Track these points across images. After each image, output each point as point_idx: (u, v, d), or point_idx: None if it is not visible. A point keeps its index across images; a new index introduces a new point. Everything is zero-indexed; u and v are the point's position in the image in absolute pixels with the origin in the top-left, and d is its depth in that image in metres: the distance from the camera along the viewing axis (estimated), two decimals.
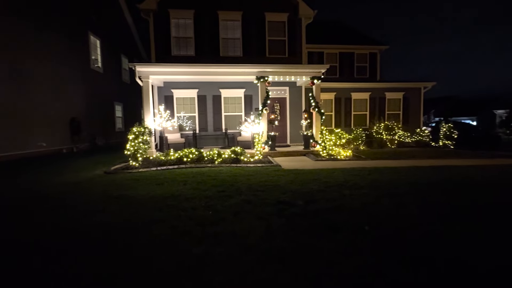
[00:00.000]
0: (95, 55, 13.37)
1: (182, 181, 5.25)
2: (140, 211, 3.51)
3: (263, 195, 4.19)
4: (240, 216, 3.26)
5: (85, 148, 11.82)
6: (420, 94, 12.75)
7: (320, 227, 2.92)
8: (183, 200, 3.97)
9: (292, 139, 11.22)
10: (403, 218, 3.18)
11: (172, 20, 10.47)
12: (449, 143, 11.50)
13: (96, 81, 13.27)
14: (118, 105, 15.51)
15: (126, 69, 16.60)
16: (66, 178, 5.78)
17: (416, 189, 4.45)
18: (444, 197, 4.04)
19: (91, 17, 12.91)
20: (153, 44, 10.40)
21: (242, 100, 10.87)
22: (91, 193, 4.53)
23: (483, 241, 2.56)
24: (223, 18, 10.73)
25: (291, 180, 5.26)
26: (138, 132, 7.14)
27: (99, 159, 8.52)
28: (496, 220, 3.11)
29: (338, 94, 12.28)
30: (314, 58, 14.58)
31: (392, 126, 11.54)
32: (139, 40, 18.71)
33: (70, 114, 11.17)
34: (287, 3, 10.97)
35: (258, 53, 10.94)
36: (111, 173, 6.32)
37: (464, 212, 3.37)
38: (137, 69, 8.44)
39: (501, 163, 7.28)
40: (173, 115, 10.23)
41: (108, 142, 13.66)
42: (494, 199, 3.89)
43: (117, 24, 15.89)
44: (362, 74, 14.90)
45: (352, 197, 4.00)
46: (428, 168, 6.50)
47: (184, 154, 7.37)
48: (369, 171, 6.05)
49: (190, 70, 8.97)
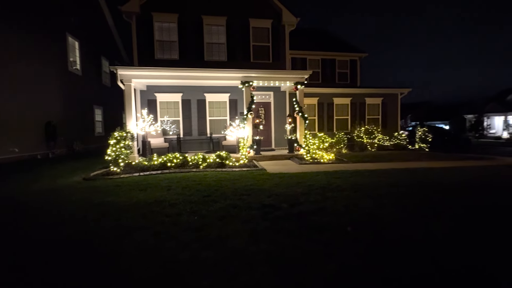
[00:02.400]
0: (73, 57, 12.88)
1: (166, 186, 5.16)
2: (122, 218, 3.42)
3: (248, 199, 4.22)
4: (225, 221, 3.27)
5: (62, 154, 11.28)
6: (397, 99, 13.39)
7: (305, 229, 3.00)
8: (167, 206, 3.91)
9: (277, 143, 11.36)
10: (382, 218, 3.34)
11: (155, 24, 10.35)
12: (424, 146, 12.13)
13: (75, 84, 12.77)
14: (98, 108, 14.98)
15: (107, 72, 16.10)
16: (41, 185, 5.50)
17: (394, 191, 4.67)
18: (418, 197, 4.27)
19: (69, 18, 12.46)
20: (135, 47, 10.20)
21: (227, 104, 10.89)
22: (69, 200, 4.35)
23: (453, 238, 2.75)
24: (208, 23, 10.76)
25: (276, 183, 5.33)
26: (119, 136, 6.95)
27: (77, 165, 8.17)
28: (462, 215, 3.35)
29: (321, 99, 12.63)
30: (297, 64, 14.92)
31: (372, 130, 12.01)
32: (121, 42, 18.25)
33: (46, 117, 10.64)
34: (271, 10, 11.20)
35: (243, 58, 11.04)
36: (90, 179, 6.09)
37: (436, 210, 3.59)
38: (119, 72, 8.23)
39: (470, 164, 7.79)
40: (156, 120, 10.05)
41: (87, 147, 13.12)
42: (464, 200, 4.18)
43: (98, 26, 15.43)
44: (344, 80, 15.44)
45: (335, 199, 4.13)
46: (405, 170, 6.83)
47: (168, 159, 7.25)
48: (350, 174, 6.26)
49: (174, 74, 8.88)
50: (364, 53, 15.64)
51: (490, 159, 8.92)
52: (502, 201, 4.10)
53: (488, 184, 5.22)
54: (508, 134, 22.51)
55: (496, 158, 9.32)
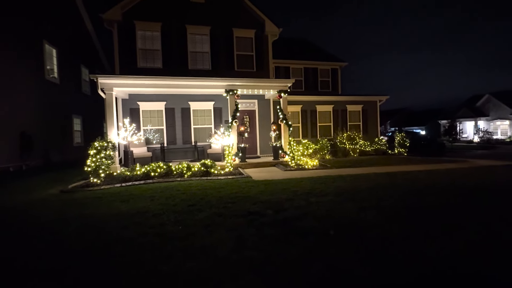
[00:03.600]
0: (50, 65, 12.43)
1: (149, 196, 5.05)
2: (102, 231, 3.31)
3: (233, 207, 4.22)
4: (210, 229, 3.25)
5: (37, 165, 10.71)
6: (376, 106, 13.97)
7: (289, 234, 3.04)
8: (150, 216, 3.83)
9: (262, 150, 11.44)
10: (363, 220, 3.45)
11: (138, 32, 10.27)
12: (403, 150, 12.67)
13: (52, 93, 12.28)
14: (77, 118, 14.44)
15: (87, 80, 15.64)
16: (12, 199, 5.19)
17: (374, 194, 4.84)
18: (397, 199, 4.46)
19: (47, 25, 12.08)
20: (117, 55, 10.04)
21: (211, 112, 10.89)
22: (44, 215, 4.14)
23: (426, 236, 2.90)
24: (191, 32, 10.82)
25: (261, 190, 5.37)
26: (100, 146, 6.74)
27: (54, 177, 7.80)
28: (437, 213, 3.53)
29: (304, 107, 12.93)
30: (281, 73, 15.27)
31: (354, 136, 12.41)
32: (102, 50, 17.85)
33: (20, 127, 10.12)
34: (254, 21, 11.47)
35: (227, 67, 11.15)
36: (68, 191, 5.84)
37: (411, 212, 3.76)
38: (100, 81, 8.06)
39: (444, 167, 8.23)
40: (139, 128, 9.84)
41: (65, 158, 12.57)
42: (438, 200, 4.41)
43: (77, 33, 15.04)
44: (326, 88, 15.95)
45: (318, 204, 4.22)
46: (385, 174, 7.10)
47: (151, 169, 7.10)
48: (334, 179, 6.43)
49: (157, 83, 8.81)
50: (344, 62, 16.29)
51: (463, 162, 9.46)
52: (473, 199, 4.36)
53: (460, 185, 5.54)
54: (479, 138, 23.98)
55: (467, 160, 9.90)
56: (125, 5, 10.03)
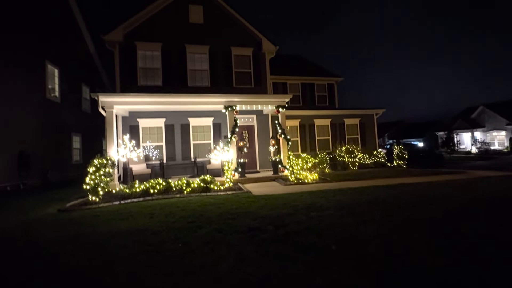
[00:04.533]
0: (52, 84, 12.67)
1: (148, 214, 5.00)
2: (100, 250, 3.26)
3: (234, 222, 4.18)
4: (211, 246, 3.21)
5: (35, 184, 10.62)
6: (373, 119, 14.15)
7: (290, 250, 3.01)
8: (149, 234, 3.78)
9: (261, 165, 11.44)
10: (364, 234, 3.42)
11: (139, 52, 10.58)
12: (402, 162, 12.71)
13: (52, 111, 12.42)
14: (76, 136, 14.50)
15: (87, 99, 15.86)
16: (7, 219, 5.11)
17: (375, 207, 4.82)
18: (398, 212, 4.43)
19: (50, 46, 12.44)
20: (118, 74, 10.28)
21: (210, 128, 10.99)
22: (41, 234, 4.08)
23: (431, 247, 2.87)
24: (191, 51, 11.15)
25: (262, 205, 5.33)
26: (99, 164, 6.74)
27: (52, 196, 7.72)
28: (439, 226, 3.51)
29: (302, 121, 13.09)
30: (278, 88, 15.58)
31: (353, 149, 12.47)
32: (102, 68, 18.24)
33: (19, 147, 10.13)
34: (251, 40, 11.87)
35: (226, 84, 11.40)
36: (66, 210, 5.77)
37: (413, 224, 3.74)
38: (100, 99, 8.19)
39: (444, 179, 8.23)
40: (138, 145, 9.88)
41: (64, 176, 12.49)
42: (439, 212, 4.39)
43: (79, 53, 15.45)
44: (323, 102, 16.23)
45: (319, 219, 4.19)
46: (385, 187, 7.08)
47: (150, 185, 7.07)
48: (334, 193, 6.40)
49: (157, 100, 8.96)
50: (339, 77, 16.69)
51: (462, 173, 9.47)
52: (475, 210, 4.35)
53: (460, 196, 5.53)
54: (476, 149, 24.13)
55: (466, 171, 9.92)
56: (127, 27, 10.40)
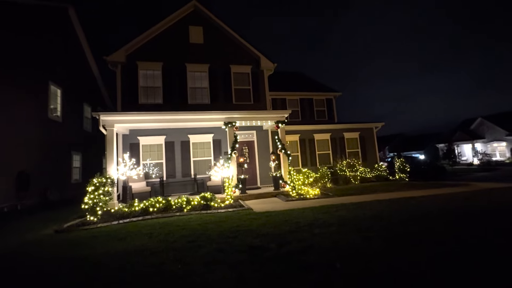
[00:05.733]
0: (54, 104, 12.84)
1: (147, 233, 4.88)
2: (97, 273, 3.15)
3: (235, 241, 4.07)
4: (211, 267, 3.10)
5: (33, 204, 10.46)
6: (373, 133, 14.20)
7: (293, 269, 2.90)
8: (148, 255, 3.67)
9: (262, 180, 11.33)
10: (369, 251, 3.31)
11: (140, 71, 10.82)
12: (404, 176, 12.59)
13: (53, 131, 12.50)
14: (76, 154, 14.50)
15: (89, 118, 16.03)
16: (2, 242, 4.99)
17: (378, 222, 4.71)
18: (403, 227, 4.32)
19: (53, 67, 12.74)
20: (119, 93, 10.45)
21: (211, 144, 11.00)
22: (37, 257, 3.96)
23: (438, 266, 2.77)
24: (191, 70, 11.41)
25: (263, 223, 5.22)
26: (99, 183, 6.68)
27: (50, 216, 7.58)
28: (446, 244, 3.40)
29: (302, 136, 13.13)
30: (277, 104, 15.78)
31: (354, 163, 12.41)
32: (104, 87, 18.55)
33: (19, 167, 10.09)
34: (250, 58, 12.18)
35: (225, 100, 11.55)
36: (63, 231, 5.64)
37: (420, 240, 3.63)
38: (102, 118, 8.27)
39: (448, 191, 8.12)
40: (138, 163, 9.85)
41: (63, 195, 12.33)
42: (446, 226, 4.29)
43: (81, 73, 15.80)
44: (322, 117, 16.37)
45: (322, 236, 4.08)
46: (388, 201, 6.97)
47: (150, 204, 6.96)
48: (336, 208, 6.29)
49: (158, 118, 9.04)
50: (338, 92, 16.96)
51: (466, 185, 9.35)
52: (483, 222, 4.24)
53: (466, 209, 5.42)
54: (478, 160, 24.01)
55: (470, 184, 9.81)
56: (129, 48, 10.72)
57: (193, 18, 11.79)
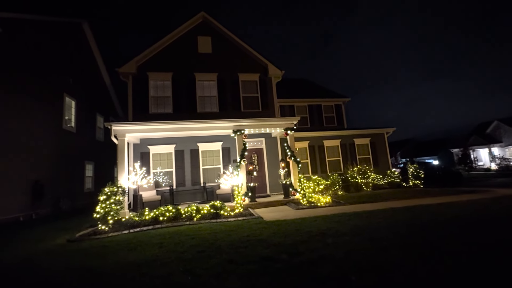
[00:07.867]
0: (69, 115, 13.27)
1: (157, 243, 4.86)
2: (107, 283, 3.13)
3: (245, 251, 3.99)
4: (222, 278, 3.03)
5: (47, 214, 10.70)
6: (384, 138, 13.90)
7: (306, 281, 2.80)
8: (158, 265, 3.63)
9: (271, 188, 11.22)
10: (386, 262, 3.17)
11: (150, 82, 11.07)
12: (418, 182, 12.19)
13: (68, 141, 12.87)
14: (89, 164, 14.83)
15: (101, 128, 16.45)
16: (17, 251, 5.07)
17: (394, 232, 4.53)
18: (420, 237, 4.13)
19: (68, 79, 13.21)
20: (131, 103, 10.69)
21: (220, 152, 11.03)
22: (49, 267, 3.99)
23: (457, 276, 2.60)
24: (200, 79, 11.59)
25: (274, 232, 5.11)
26: (110, 192, 6.76)
27: (62, 226, 7.70)
28: (464, 252, 3.22)
29: (311, 142, 12.99)
30: (286, 111, 15.75)
31: (365, 170, 12.13)
32: (116, 97, 19.06)
33: (34, 177, 10.39)
34: (258, 66, 12.28)
35: (234, 108, 11.63)
36: (75, 241, 5.70)
37: (439, 250, 3.45)
38: (113, 128, 8.44)
39: (465, 198, 7.78)
40: (149, 172, 9.96)
41: (75, 204, 12.57)
42: (467, 236, 4.07)
43: (94, 84, 16.31)
44: (331, 123, 16.20)
45: (336, 246, 3.95)
46: (403, 209, 6.73)
47: (160, 213, 6.97)
48: (349, 217, 6.11)
49: (168, 127, 9.15)
50: (346, 97, 16.79)
51: (484, 192, 8.96)
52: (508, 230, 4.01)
53: (486, 217, 5.15)
54: (496, 165, 23.06)
55: (489, 190, 9.38)
56: (140, 59, 11.02)
57: (201, 29, 12.06)
